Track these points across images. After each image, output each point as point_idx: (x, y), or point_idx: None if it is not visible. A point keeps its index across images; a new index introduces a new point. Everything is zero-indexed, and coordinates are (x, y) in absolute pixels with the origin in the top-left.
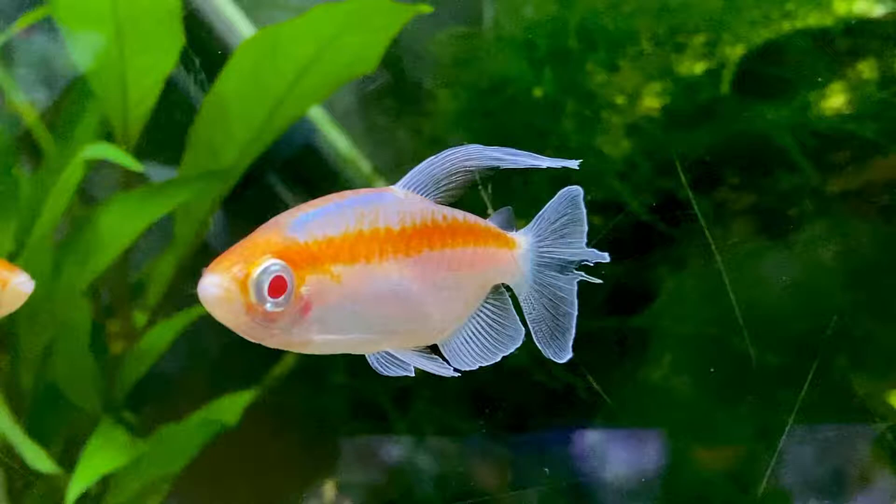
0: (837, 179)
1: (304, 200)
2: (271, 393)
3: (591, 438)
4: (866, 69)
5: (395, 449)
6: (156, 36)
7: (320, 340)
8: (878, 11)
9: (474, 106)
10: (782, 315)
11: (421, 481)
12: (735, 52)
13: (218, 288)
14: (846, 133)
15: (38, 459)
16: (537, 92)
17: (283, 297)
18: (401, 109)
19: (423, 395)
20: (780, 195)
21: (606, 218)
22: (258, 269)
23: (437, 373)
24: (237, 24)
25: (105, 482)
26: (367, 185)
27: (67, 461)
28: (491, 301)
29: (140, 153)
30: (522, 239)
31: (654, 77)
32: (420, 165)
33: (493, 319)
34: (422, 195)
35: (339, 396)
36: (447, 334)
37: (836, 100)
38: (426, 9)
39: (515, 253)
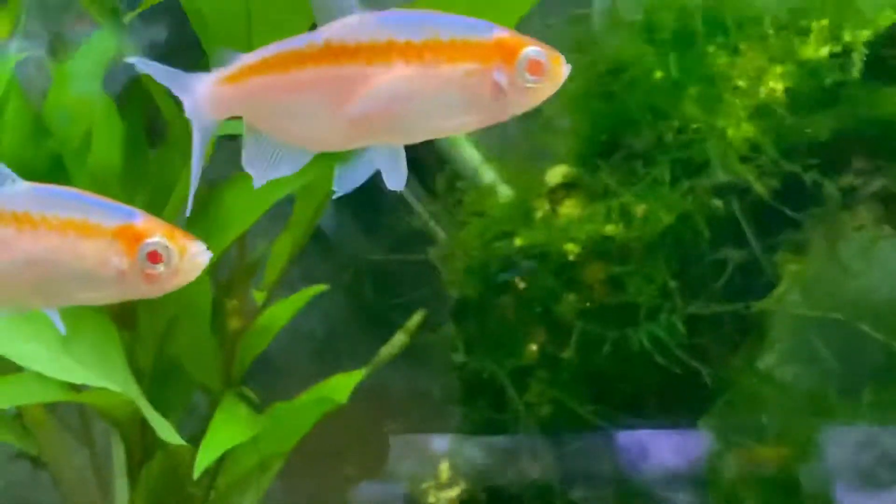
0: None
1: (413, 184)
2: (381, 373)
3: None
4: None
5: (509, 432)
6: (285, 15)
7: None
8: None
9: (592, 88)
10: None
11: (535, 465)
12: (861, 35)
13: None
14: None
15: (167, 432)
16: (658, 74)
17: None
18: None
19: (540, 376)
20: None
21: (730, 201)
22: None
23: None
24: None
25: (221, 458)
26: (476, 171)
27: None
28: None
29: None
30: None
31: (778, 60)
32: None
33: None
34: None
35: (454, 376)
36: None
37: None
38: None
39: None
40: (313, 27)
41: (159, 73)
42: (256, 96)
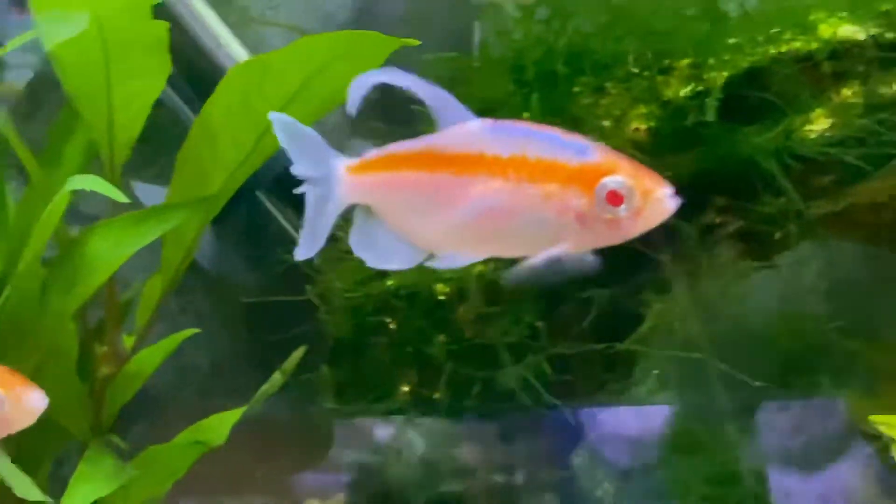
0: (821, 202)
1: (293, 216)
2: (262, 411)
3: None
4: (850, 93)
5: (385, 472)
6: (143, 63)
7: None
8: (862, 35)
9: None
10: (768, 336)
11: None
12: (720, 76)
13: None
14: (830, 157)
15: (27, 489)
16: (526, 115)
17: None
18: (388, 129)
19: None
20: (766, 218)
21: None
22: None
23: None
24: (225, 41)
25: None
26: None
27: (57, 483)
28: None
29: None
30: None
31: (641, 100)
32: None
33: None
34: None
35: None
36: None
37: (820, 124)
38: (413, 42)
39: None
40: (175, 78)
41: (312, 141)
42: (373, 190)
